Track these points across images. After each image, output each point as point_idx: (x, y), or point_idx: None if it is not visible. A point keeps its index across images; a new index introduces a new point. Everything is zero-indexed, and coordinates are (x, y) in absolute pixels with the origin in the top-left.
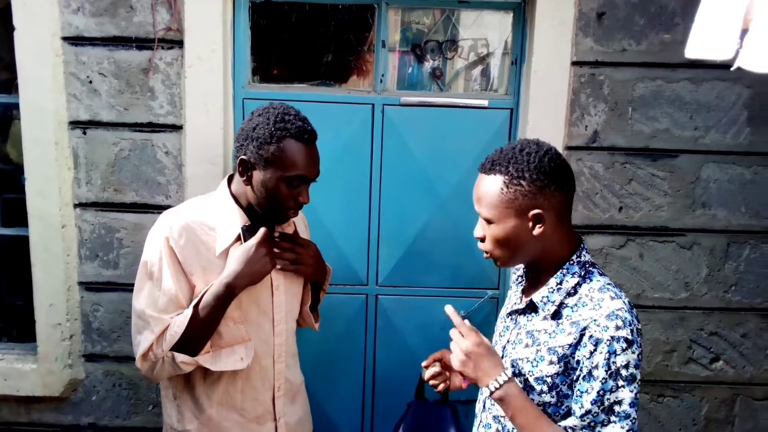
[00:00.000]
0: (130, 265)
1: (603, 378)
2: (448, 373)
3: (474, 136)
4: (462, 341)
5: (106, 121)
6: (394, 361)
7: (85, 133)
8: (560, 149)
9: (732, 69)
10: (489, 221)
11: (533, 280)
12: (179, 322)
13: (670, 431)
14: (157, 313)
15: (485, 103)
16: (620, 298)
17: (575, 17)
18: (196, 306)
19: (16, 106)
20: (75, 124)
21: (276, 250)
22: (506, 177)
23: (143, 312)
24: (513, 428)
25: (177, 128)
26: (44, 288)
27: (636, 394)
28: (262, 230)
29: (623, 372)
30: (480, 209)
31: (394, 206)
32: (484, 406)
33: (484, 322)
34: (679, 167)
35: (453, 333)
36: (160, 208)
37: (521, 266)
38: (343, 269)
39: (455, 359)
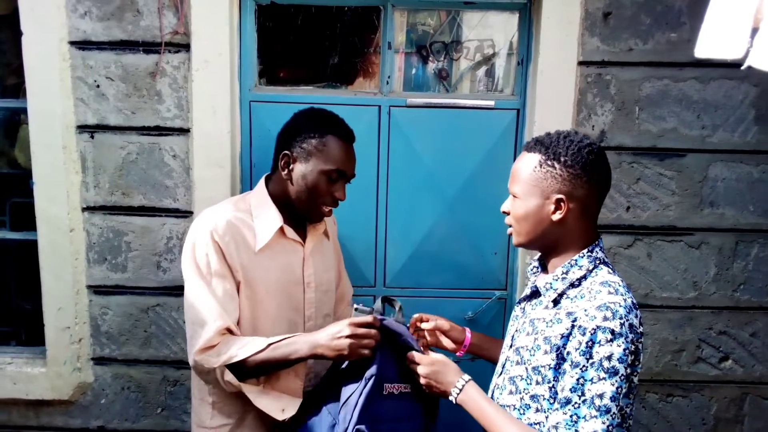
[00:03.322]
0: (138, 269)
1: (583, 366)
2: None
3: (481, 136)
4: (419, 369)
5: (114, 124)
6: None
7: (92, 137)
8: None
9: (743, 68)
10: (515, 196)
11: (545, 270)
12: (247, 347)
13: (680, 431)
14: (220, 306)
15: (492, 103)
16: (620, 294)
17: (581, 17)
18: (270, 345)
19: (24, 110)
20: (83, 128)
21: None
22: (542, 156)
23: (206, 304)
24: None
25: (184, 131)
26: (53, 292)
27: (618, 389)
28: (367, 318)
29: (605, 363)
30: (511, 185)
31: (401, 207)
32: (492, 396)
33: (492, 323)
34: (686, 166)
35: (412, 358)
36: (167, 212)
37: (536, 259)
38: (351, 270)
39: (422, 382)
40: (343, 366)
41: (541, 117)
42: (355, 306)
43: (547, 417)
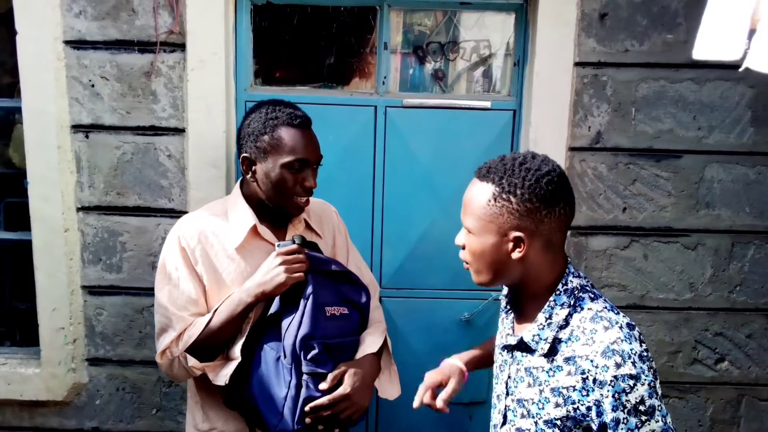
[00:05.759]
0: (133, 269)
1: (624, 419)
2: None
3: (477, 137)
4: None
5: (109, 124)
6: (397, 364)
7: (87, 136)
8: (563, 150)
9: (740, 70)
10: (470, 231)
11: (520, 309)
12: (198, 325)
13: None
14: (179, 311)
15: (488, 104)
16: (615, 325)
17: (578, 18)
18: (215, 311)
19: (19, 110)
20: (77, 127)
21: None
22: (497, 188)
23: (166, 310)
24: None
25: (179, 131)
26: (47, 292)
27: (663, 420)
28: (291, 246)
29: (641, 407)
30: (464, 217)
31: (397, 208)
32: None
33: (488, 324)
34: (682, 167)
35: None
36: (162, 212)
37: (506, 294)
38: None
39: None
40: (273, 310)
41: (537, 118)
42: (277, 243)
43: None
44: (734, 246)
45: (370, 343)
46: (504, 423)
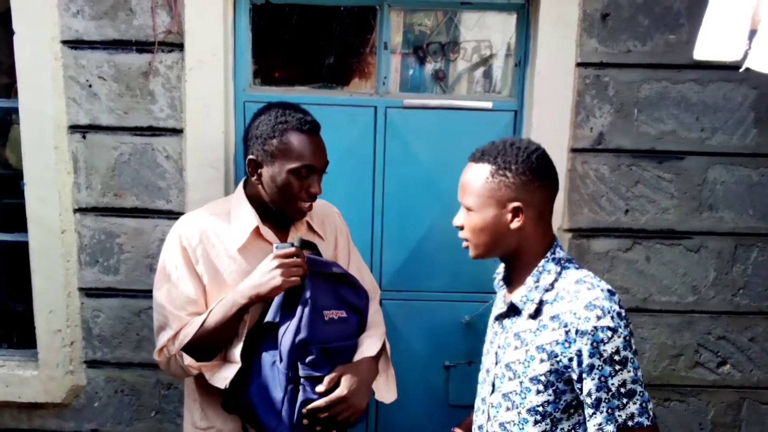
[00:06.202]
0: (130, 271)
1: (598, 366)
2: None
3: (478, 138)
4: None
5: (106, 125)
6: (397, 366)
7: (84, 137)
8: (565, 151)
9: (741, 70)
10: (469, 209)
11: (511, 281)
12: (194, 324)
13: None
14: (176, 310)
15: (489, 105)
16: (597, 287)
17: (579, 18)
18: (210, 312)
19: (16, 110)
20: (75, 128)
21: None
22: (493, 167)
23: (164, 308)
24: None
25: (178, 132)
26: (44, 294)
27: (635, 371)
28: (289, 249)
29: (615, 357)
30: (463, 197)
31: (397, 210)
32: (488, 416)
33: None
34: (685, 169)
35: None
36: (160, 213)
37: (500, 271)
38: None
39: None
40: (269, 319)
41: (538, 119)
42: (275, 245)
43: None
44: (737, 248)
45: (369, 346)
46: (493, 392)
